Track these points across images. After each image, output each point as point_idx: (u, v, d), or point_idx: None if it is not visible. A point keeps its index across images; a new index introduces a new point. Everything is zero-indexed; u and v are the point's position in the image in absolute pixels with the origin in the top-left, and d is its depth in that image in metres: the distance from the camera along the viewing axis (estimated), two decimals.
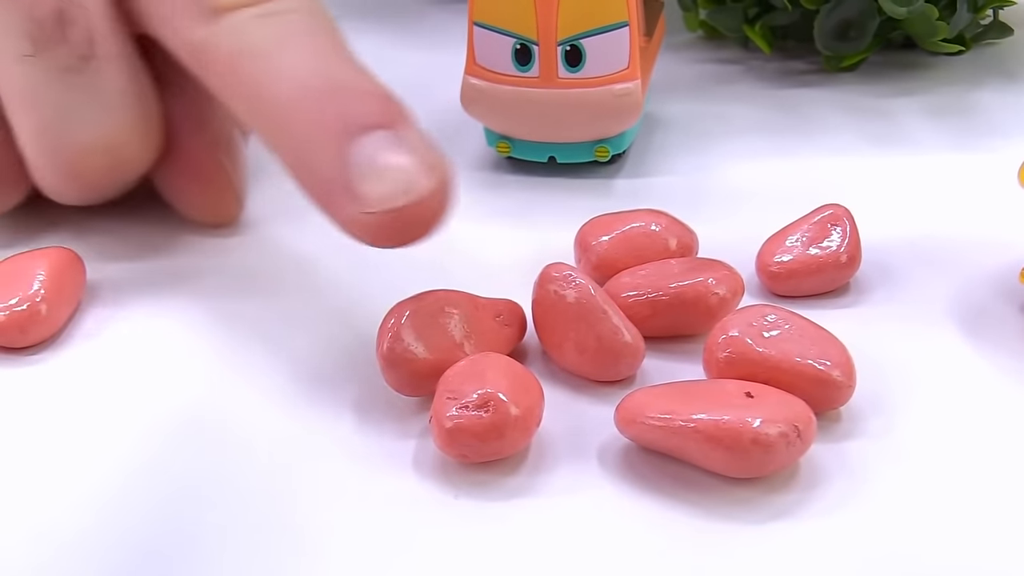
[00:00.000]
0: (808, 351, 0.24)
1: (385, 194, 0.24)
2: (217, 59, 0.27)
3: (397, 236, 0.25)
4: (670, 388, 0.23)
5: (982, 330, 0.27)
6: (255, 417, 0.25)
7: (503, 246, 0.31)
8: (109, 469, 0.23)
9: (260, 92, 0.26)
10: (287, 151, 0.26)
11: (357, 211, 0.24)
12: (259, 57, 0.27)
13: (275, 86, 0.26)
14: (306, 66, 0.26)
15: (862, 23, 0.40)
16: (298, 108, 0.26)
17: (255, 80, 0.27)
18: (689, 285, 0.26)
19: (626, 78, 0.32)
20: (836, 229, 0.28)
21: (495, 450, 0.23)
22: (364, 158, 0.24)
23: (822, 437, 0.23)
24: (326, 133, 0.25)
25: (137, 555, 0.21)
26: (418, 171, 0.24)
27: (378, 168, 0.24)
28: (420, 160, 0.24)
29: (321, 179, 0.25)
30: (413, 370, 0.24)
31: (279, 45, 0.27)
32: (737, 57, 0.42)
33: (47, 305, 0.27)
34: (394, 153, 0.24)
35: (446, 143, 0.26)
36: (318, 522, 0.22)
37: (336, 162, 0.25)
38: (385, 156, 0.24)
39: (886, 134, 0.37)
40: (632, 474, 0.23)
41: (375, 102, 0.25)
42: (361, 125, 0.25)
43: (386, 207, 0.24)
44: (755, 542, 0.21)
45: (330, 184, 0.25)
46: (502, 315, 0.26)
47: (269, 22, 0.27)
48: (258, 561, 0.21)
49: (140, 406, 0.25)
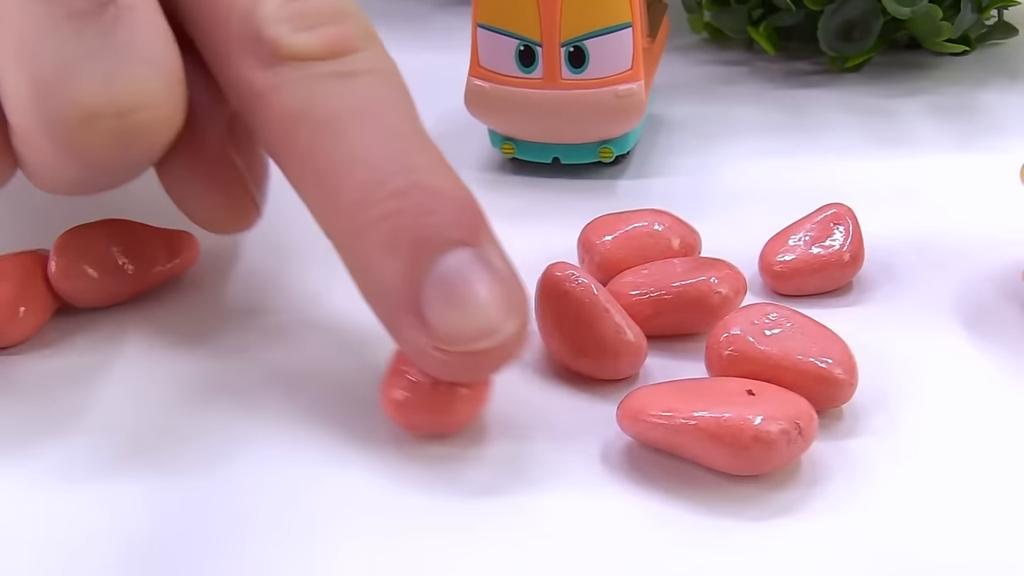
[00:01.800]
0: (810, 349, 0.24)
1: (464, 333, 0.21)
2: (274, 115, 0.23)
3: (464, 374, 0.22)
4: (672, 386, 0.24)
5: (984, 329, 0.27)
6: (254, 415, 0.25)
7: (507, 246, 0.31)
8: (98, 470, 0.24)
9: (319, 168, 0.23)
10: (344, 244, 0.23)
11: (426, 342, 0.22)
12: (326, 126, 0.23)
13: (341, 168, 0.22)
14: (381, 151, 0.22)
15: (866, 23, 0.40)
16: (366, 200, 0.22)
17: (316, 153, 0.23)
18: (692, 284, 0.26)
19: (629, 79, 0.32)
20: (839, 228, 0.28)
21: (442, 424, 0.23)
22: (443, 282, 0.21)
23: (824, 435, 0.23)
24: (399, 241, 0.22)
25: (138, 555, 0.22)
26: (501, 310, 0.21)
27: (457, 299, 0.21)
28: (504, 296, 0.22)
29: (386, 291, 0.22)
30: None
31: (352, 117, 0.23)
32: (741, 58, 0.42)
33: (25, 307, 0.27)
34: (476, 283, 0.21)
35: (450, 144, 0.26)
36: (317, 520, 0.22)
37: (407, 279, 0.22)
38: (467, 286, 0.21)
39: (890, 134, 0.37)
40: (634, 472, 0.23)
41: (458, 210, 0.22)
42: (442, 239, 0.22)
43: (462, 348, 0.21)
44: (757, 539, 0.21)
45: (397, 301, 0.22)
46: None
47: (344, 84, 0.23)
48: (257, 560, 0.21)
49: (124, 406, 0.25)
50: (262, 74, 0.23)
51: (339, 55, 0.23)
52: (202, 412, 0.25)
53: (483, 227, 0.23)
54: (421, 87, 0.30)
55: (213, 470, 0.23)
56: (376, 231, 0.22)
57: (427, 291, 0.21)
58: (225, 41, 0.24)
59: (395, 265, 0.22)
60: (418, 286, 0.22)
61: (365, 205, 0.22)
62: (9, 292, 0.27)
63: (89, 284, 0.28)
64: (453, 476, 0.23)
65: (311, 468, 0.23)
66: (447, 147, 0.24)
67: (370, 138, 0.23)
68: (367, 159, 0.22)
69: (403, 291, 0.22)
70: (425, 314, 0.21)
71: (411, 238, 0.22)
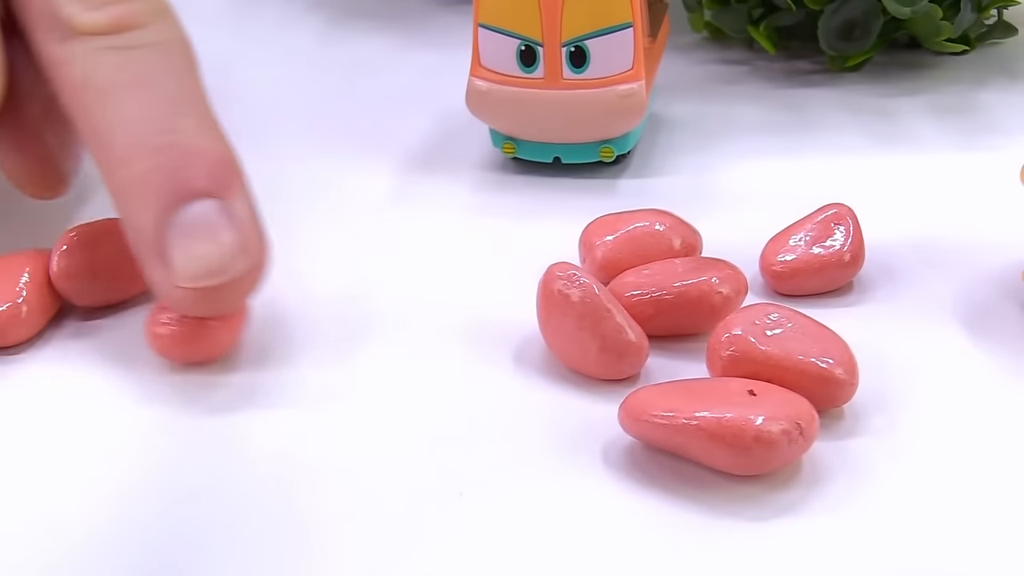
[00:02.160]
0: (811, 349, 0.24)
1: (196, 272, 0.24)
2: (66, 82, 0.26)
3: (200, 309, 0.25)
4: (673, 386, 0.24)
5: (985, 328, 0.27)
6: (253, 413, 0.25)
7: (508, 246, 0.31)
8: (104, 472, 0.24)
9: (96, 130, 0.26)
10: (114, 193, 0.26)
11: (167, 280, 0.24)
12: (102, 94, 0.26)
13: (111, 129, 0.25)
14: (146, 114, 0.26)
15: (866, 23, 0.40)
16: (129, 158, 0.25)
17: (94, 116, 0.26)
18: (693, 284, 0.26)
19: (630, 79, 0.32)
20: (839, 228, 0.29)
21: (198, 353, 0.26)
22: (183, 229, 0.24)
23: (825, 435, 0.23)
24: (151, 192, 0.25)
25: (140, 553, 0.22)
26: (233, 252, 0.24)
27: (194, 243, 0.24)
28: (238, 239, 0.24)
29: (139, 235, 0.25)
30: None
31: (125, 85, 0.26)
32: (742, 58, 0.42)
33: (28, 307, 0.27)
34: (214, 229, 0.24)
35: (451, 144, 0.26)
36: (318, 518, 0.22)
37: (155, 225, 0.24)
38: (204, 231, 0.24)
39: (890, 134, 0.37)
40: (636, 472, 0.23)
41: (209, 165, 0.25)
42: (189, 190, 0.24)
43: (195, 284, 0.24)
44: (758, 539, 0.21)
45: (147, 245, 0.25)
46: None
47: (121, 56, 0.26)
48: (259, 559, 0.21)
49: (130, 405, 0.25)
50: (58, 48, 0.26)
51: (123, 30, 0.26)
52: (204, 411, 0.25)
53: (235, 181, 0.25)
54: (422, 86, 0.30)
55: (213, 468, 0.23)
56: (135, 185, 0.25)
57: (170, 236, 0.24)
58: (35, 19, 0.27)
59: (147, 213, 0.25)
60: (163, 231, 0.24)
61: (127, 162, 0.25)
62: (12, 292, 0.27)
63: (91, 283, 0.28)
64: (455, 475, 0.23)
65: (310, 464, 0.23)
66: (448, 146, 0.25)
67: (136, 104, 0.26)
68: (132, 121, 0.25)
69: (152, 235, 0.24)
70: (167, 256, 0.24)
71: (162, 189, 0.25)
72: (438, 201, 0.33)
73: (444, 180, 0.34)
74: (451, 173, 0.34)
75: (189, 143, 0.25)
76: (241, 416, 0.25)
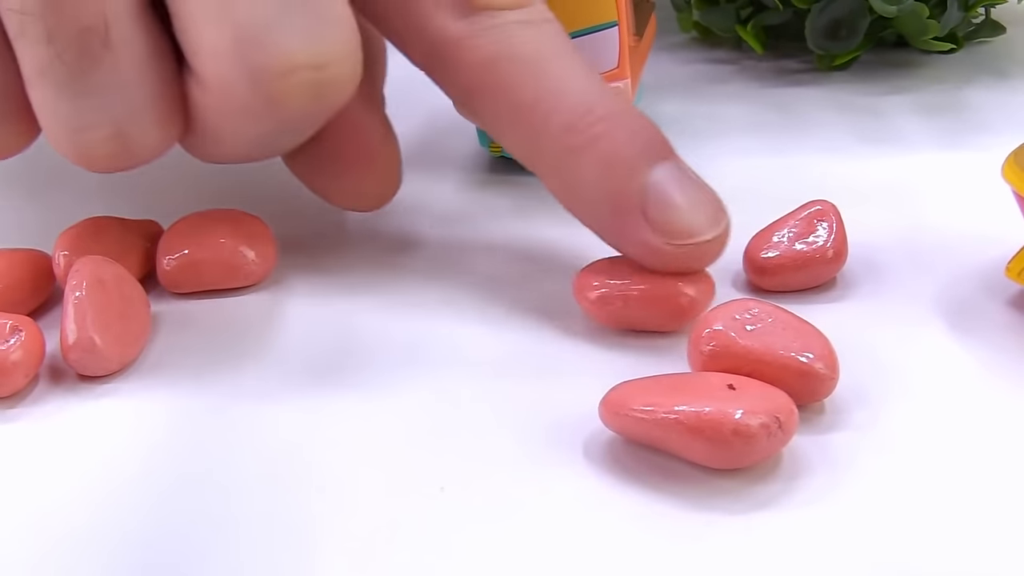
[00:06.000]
0: (791, 344, 0.24)
1: (692, 226, 0.25)
2: (473, 58, 0.27)
3: (688, 265, 0.26)
4: (654, 381, 0.24)
5: (967, 324, 0.27)
6: (254, 410, 0.25)
7: (494, 245, 0.31)
8: (98, 468, 0.24)
9: (526, 100, 0.26)
10: (555, 166, 0.26)
11: (656, 239, 0.25)
12: (529, 64, 0.26)
13: (550, 97, 0.26)
14: (580, 83, 0.26)
15: (853, 22, 0.40)
16: (579, 126, 0.26)
17: (522, 88, 0.26)
18: (659, 283, 0.26)
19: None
20: (822, 225, 0.29)
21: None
22: (660, 189, 0.25)
23: (805, 429, 0.24)
24: (615, 157, 0.25)
25: (129, 549, 0.22)
26: (709, 209, 0.25)
27: (676, 201, 0.25)
28: (708, 198, 0.25)
29: (606, 200, 0.25)
30: None
31: (550, 55, 0.26)
32: (730, 57, 0.43)
33: None
34: (686, 188, 0.25)
35: (439, 143, 0.26)
36: (298, 514, 0.22)
37: (632, 186, 0.25)
38: (681, 191, 0.25)
39: (877, 132, 0.37)
40: (617, 466, 0.23)
41: (653, 130, 0.26)
42: (651, 154, 0.25)
43: (691, 240, 0.25)
44: (738, 532, 0.22)
45: (624, 208, 0.25)
46: None
47: (531, 29, 0.27)
48: (258, 557, 0.21)
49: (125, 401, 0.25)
50: (458, 24, 0.26)
51: (523, 5, 0.27)
52: (199, 404, 0.25)
53: (670, 145, 0.26)
54: (409, 87, 0.30)
55: (213, 465, 0.24)
56: (592, 150, 0.25)
57: (653, 196, 0.25)
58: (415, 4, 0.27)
59: (615, 177, 0.25)
60: (645, 193, 0.25)
61: (577, 129, 0.26)
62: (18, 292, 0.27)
63: None
64: (436, 471, 0.23)
65: (307, 460, 0.24)
66: (436, 146, 0.25)
67: (570, 72, 0.26)
68: (573, 89, 0.26)
69: (630, 198, 0.25)
70: (653, 216, 0.25)
71: (627, 154, 0.25)
72: (424, 200, 0.33)
73: (430, 179, 0.34)
74: (437, 172, 0.34)
75: (627, 109, 0.26)
76: (236, 414, 0.25)
